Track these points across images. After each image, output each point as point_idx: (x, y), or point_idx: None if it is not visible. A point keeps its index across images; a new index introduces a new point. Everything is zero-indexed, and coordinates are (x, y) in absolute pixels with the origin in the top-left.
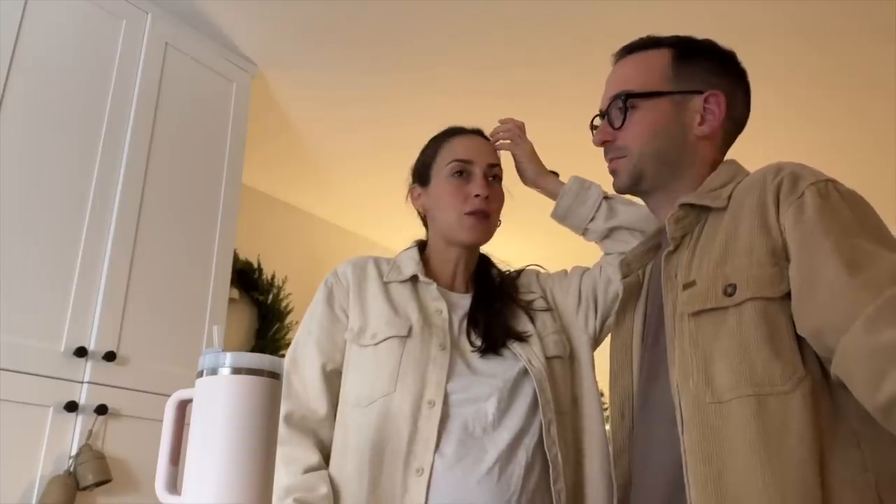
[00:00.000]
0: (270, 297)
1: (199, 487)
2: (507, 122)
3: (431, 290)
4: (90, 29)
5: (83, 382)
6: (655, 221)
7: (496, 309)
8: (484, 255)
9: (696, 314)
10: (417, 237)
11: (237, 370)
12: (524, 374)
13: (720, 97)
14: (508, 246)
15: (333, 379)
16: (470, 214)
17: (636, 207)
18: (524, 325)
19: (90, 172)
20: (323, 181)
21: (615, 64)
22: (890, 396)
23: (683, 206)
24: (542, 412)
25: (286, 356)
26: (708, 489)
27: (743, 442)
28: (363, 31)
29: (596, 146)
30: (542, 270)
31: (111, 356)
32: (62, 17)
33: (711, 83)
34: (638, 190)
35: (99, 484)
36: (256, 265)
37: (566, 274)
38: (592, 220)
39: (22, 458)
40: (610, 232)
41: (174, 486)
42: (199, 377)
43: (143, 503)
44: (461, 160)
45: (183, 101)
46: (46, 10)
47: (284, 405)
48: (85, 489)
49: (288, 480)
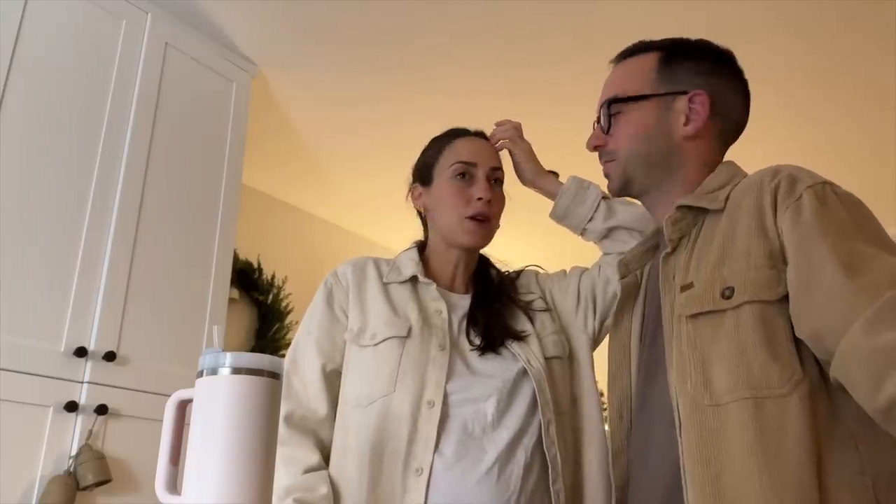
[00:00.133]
0: (270, 297)
1: (199, 487)
2: (504, 123)
3: (431, 290)
4: (90, 29)
5: (83, 382)
6: (654, 222)
7: (495, 309)
8: (483, 255)
9: (693, 316)
10: (417, 237)
11: (237, 370)
12: (523, 374)
13: (703, 96)
14: (507, 246)
15: (333, 379)
16: (471, 218)
17: (635, 207)
18: (523, 324)
19: (90, 172)
20: (323, 181)
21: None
22: (890, 398)
23: (681, 207)
24: (541, 412)
25: (286, 356)
26: (706, 491)
27: (741, 444)
28: (363, 31)
29: (589, 151)
30: (541, 271)
31: (111, 356)
32: (62, 17)
33: (697, 83)
34: (630, 192)
35: (99, 484)
36: (256, 265)
37: (565, 274)
38: (591, 220)
39: (22, 458)
40: (609, 232)
41: (174, 486)
42: (199, 377)
43: (143, 503)
44: (465, 162)
45: (183, 101)
46: (46, 10)
47: (284, 405)
48: (85, 489)
49: (288, 481)
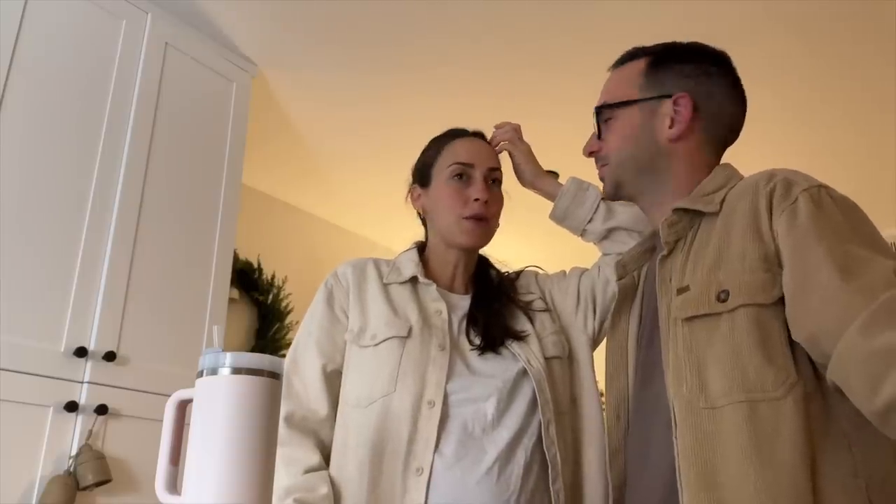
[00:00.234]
0: (270, 297)
1: (199, 487)
2: (504, 125)
3: (431, 291)
4: (90, 29)
5: (83, 382)
6: (651, 223)
7: (495, 309)
8: (483, 256)
9: (689, 319)
10: (417, 237)
11: (237, 370)
12: (523, 374)
13: (686, 98)
14: (507, 247)
15: (334, 379)
16: (469, 218)
17: (634, 209)
18: (523, 325)
19: (90, 172)
20: (323, 181)
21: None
22: (887, 400)
23: (677, 210)
24: (540, 412)
25: (287, 357)
26: (700, 494)
27: (735, 447)
28: (363, 31)
29: (585, 157)
30: (540, 271)
31: (111, 356)
32: (62, 17)
33: (682, 86)
34: (623, 195)
35: (99, 484)
36: (256, 265)
37: (564, 275)
38: (591, 221)
39: (22, 458)
40: (608, 233)
41: (174, 486)
42: (199, 377)
43: (143, 503)
44: (462, 163)
45: (183, 101)
46: (46, 10)
47: (285, 406)
48: (85, 489)
49: (288, 481)
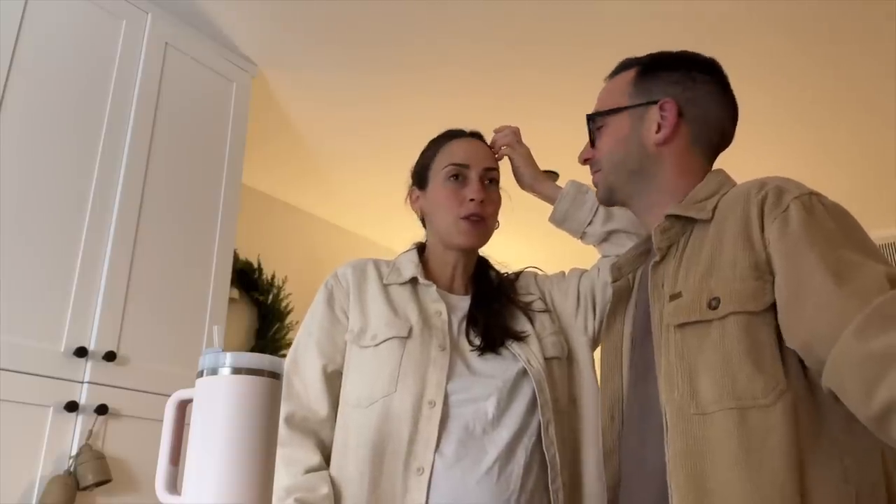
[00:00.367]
0: (270, 297)
1: (199, 487)
2: (503, 128)
3: (431, 291)
4: (90, 29)
5: (83, 382)
6: (646, 227)
7: (495, 309)
8: (482, 257)
9: (681, 326)
10: (418, 238)
11: (237, 370)
12: (523, 374)
13: (671, 103)
14: (507, 247)
15: (334, 380)
16: (465, 219)
17: None
18: (523, 325)
19: (90, 172)
20: (323, 181)
21: None
22: (883, 404)
23: (669, 216)
24: (540, 412)
25: (287, 357)
26: (690, 497)
27: (725, 453)
28: (363, 31)
29: (580, 164)
30: (539, 272)
31: (111, 356)
32: (62, 17)
33: (669, 93)
34: (616, 200)
35: (99, 484)
36: (256, 265)
37: (564, 276)
38: (590, 223)
39: (22, 458)
40: (608, 235)
41: (174, 486)
42: (199, 377)
43: (143, 503)
44: (457, 164)
45: (183, 101)
46: (46, 10)
47: (285, 406)
48: (85, 489)
49: (289, 481)
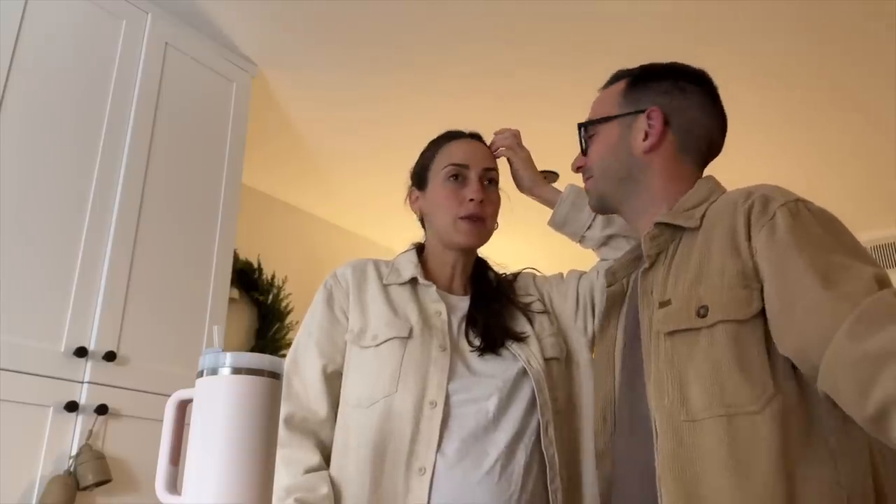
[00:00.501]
0: (270, 297)
1: (199, 487)
2: (503, 131)
3: (431, 292)
4: (90, 29)
5: (83, 382)
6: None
7: (495, 309)
8: (481, 257)
9: (670, 334)
10: (418, 238)
11: (237, 370)
12: (523, 374)
13: (657, 111)
14: (507, 248)
15: (334, 380)
16: (464, 219)
17: None
18: (522, 325)
19: (90, 173)
20: (323, 181)
21: None
22: (879, 404)
23: (658, 224)
24: (539, 412)
25: (287, 358)
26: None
27: (715, 460)
28: (363, 31)
29: (574, 172)
30: (538, 274)
31: (111, 356)
32: (62, 17)
33: (657, 102)
34: (608, 207)
35: (99, 484)
36: (256, 265)
37: (562, 278)
38: (589, 227)
39: (22, 458)
40: (607, 240)
41: (174, 486)
42: (199, 377)
43: (143, 503)
44: (456, 164)
45: (183, 101)
46: (46, 10)
47: (285, 407)
48: (85, 489)
49: (289, 481)
